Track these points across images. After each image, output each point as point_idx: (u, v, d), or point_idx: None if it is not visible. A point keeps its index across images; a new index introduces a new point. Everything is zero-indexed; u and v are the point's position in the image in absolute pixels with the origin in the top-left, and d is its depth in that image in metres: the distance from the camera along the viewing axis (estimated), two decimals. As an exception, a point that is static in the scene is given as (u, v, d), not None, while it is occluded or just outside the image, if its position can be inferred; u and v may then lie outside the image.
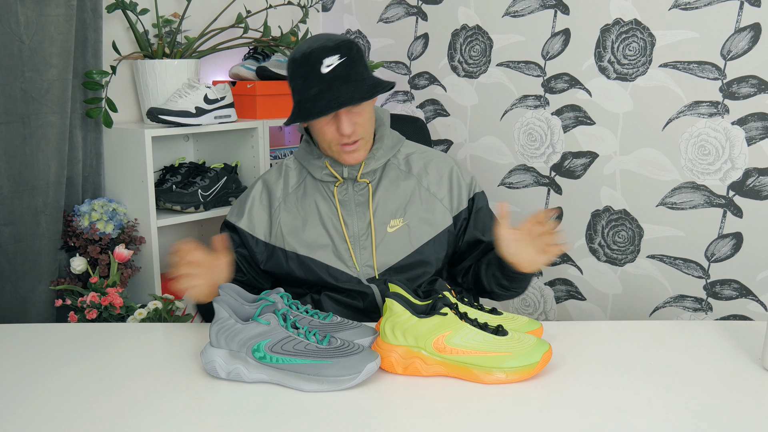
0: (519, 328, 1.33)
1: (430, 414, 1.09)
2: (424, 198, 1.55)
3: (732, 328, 1.43)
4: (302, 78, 1.43)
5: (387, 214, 1.52)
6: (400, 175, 1.56)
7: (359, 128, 1.46)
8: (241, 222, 1.55)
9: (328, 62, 1.40)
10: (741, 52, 1.93)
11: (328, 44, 1.42)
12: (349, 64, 1.42)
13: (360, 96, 1.41)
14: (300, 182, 1.56)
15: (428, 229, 1.53)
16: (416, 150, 1.62)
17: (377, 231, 1.51)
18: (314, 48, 1.42)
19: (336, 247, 1.50)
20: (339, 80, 1.40)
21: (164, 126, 2.11)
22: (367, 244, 1.51)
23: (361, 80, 1.43)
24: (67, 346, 1.38)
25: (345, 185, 1.53)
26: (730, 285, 2.04)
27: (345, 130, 1.43)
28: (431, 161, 1.60)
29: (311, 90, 1.41)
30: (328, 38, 1.44)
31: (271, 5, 2.46)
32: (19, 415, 1.09)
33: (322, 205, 1.53)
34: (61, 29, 1.97)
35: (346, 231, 1.50)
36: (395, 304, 1.20)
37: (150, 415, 1.08)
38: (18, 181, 1.97)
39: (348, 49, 1.42)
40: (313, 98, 1.41)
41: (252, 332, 1.16)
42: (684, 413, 1.08)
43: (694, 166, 2.05)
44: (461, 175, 1.60)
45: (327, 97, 1.40)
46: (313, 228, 1.51)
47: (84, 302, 1.91)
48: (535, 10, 2.27)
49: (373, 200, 1.53)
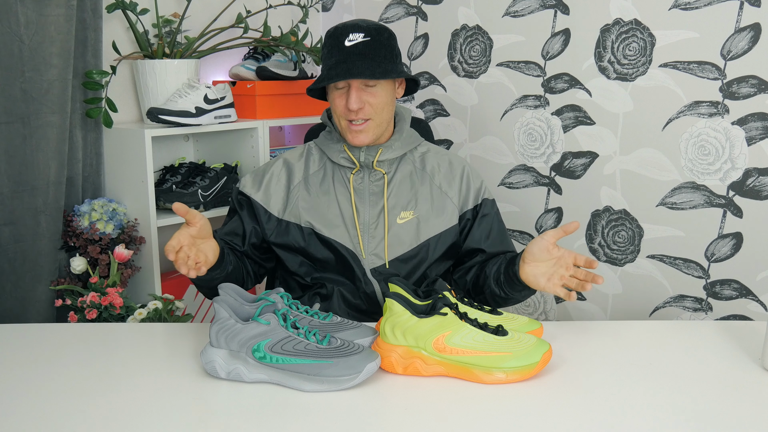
0: (519, 328, 1.33)
1: (430, 414, 1.09)
2: (435, 195, 1.59)
3: (732, 328, 1.43)
4: (328, 48, 1.51)
5: (398, 206, 1.56)
6: (415, 171, 1.60)
7: (368, 108, 1.50)
8: (257, 195, 1.58)
9: (352, 37, 1.47)
10: (741, 52, 1.93)
11: (360, 23, 1.49)
12: (371, 44, 1.47)
13: (370, 73, 1.45)
14: (321, 167, 1.60)
15: (437, 224, 1.57)
16: (432, 149, 1.66)
17: (389, 220, 1.55)
18: (347, 24, 1.50)
19: (348, 232, 1.54)
20: (357, 55, 1.46)
21: (164, 126, 2.11)
22: (376, 233, 1.54)
23: (379, 61, 1.48)
24: (67, 346, 1.38)
25: (361, 174, 1.56)
26: (730, 285, 2.04)
27: (351, 105, 1.47)
28: (445, 161, 1.64)
29: (331, 59, 1.49)
30: (364, 20, 1.51)
31: (271, 5, 2.46)
32: (19, 415, 1.09)
33: (339, 190, 1.56)
34: (61, 29, 1.97)
35: (358, 218, 1.54)
36: (395, 304, 1.20)
37: (150, 415, 1.08)
38: (18, 181, 1.97)
39: (377, 33, 1.49)
40: (329, 67, 1.49)
41: (252, 332, 1.16)
42: (684, 413, 1.08)
43: (694, 166, 2.05)
44: (472, 177, 1.63)
45: (341, 68, 1.46)
46: (330, 209, 1.55)
47: (84, 302, 1.91)
48: (535, 10, 2.27)
49: (387, 191, 1.56)
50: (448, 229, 1.58)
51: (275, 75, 2.41)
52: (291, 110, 2.45)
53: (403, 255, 1.54)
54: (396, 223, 1.55)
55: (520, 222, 2.43)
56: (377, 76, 1.46)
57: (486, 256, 1.59)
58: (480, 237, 1.59)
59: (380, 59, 1.48)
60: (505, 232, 1.64)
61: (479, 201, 1.62)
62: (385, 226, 1.54)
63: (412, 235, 1.55)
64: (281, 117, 2.42)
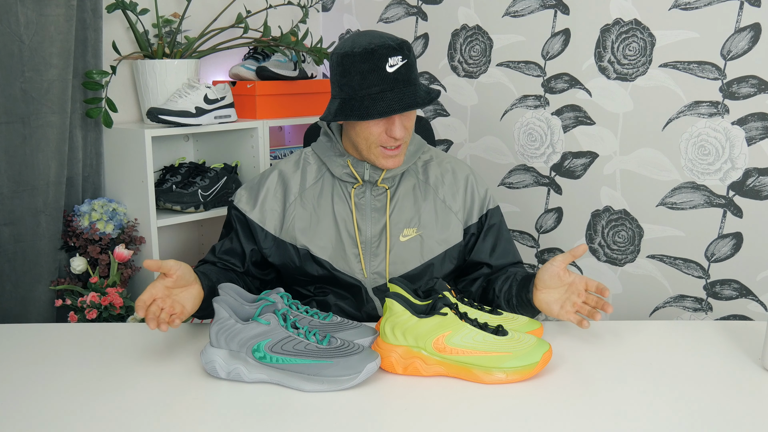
0: (519, 328, 1.33)
1: (430, 414, 1.09)
2: (439, 210, 1.53)
3: (732, 328, 1.43)
4: (361, 74, 1.36)
5: (401, 223, 1.50)
6: (418, 183, 1.54)
7: (407, 133, 1.43)
8: (253, 213, 1.52)
9: (393, 62, 1.35)
10: (741, 52, 1.93)
11: (390, 42, 1.37)
12: (409, 67, 1.38)
13: (421, 101, 1.37)
14: (318, 178, 1.53)
15: (441, 243, 1.51)
16: (434, 157, 1.59)
17: (391, 238, 1.49)
18: (377, 45, 1.36)
19: (345, 251, 1.48)
20: (402, 82, 1.37)
21: (164, 126, 2.11)
22: (378, 251, 1.49)
23: (419, 83, 1.41)
24: (67, 346, 1.38)
25: (363, 188, 1.50)
26: (730, 285, 2.04)
27: (398, 134, 1.39)
28: (448, 171, 1.57)
29: (372, 88, 1.36)
30: (385, 36, 1.39)
31: (271, 5, 2.46)
32: (20, 415, 1.09)
33: (338, 205, 1.50)
34: (61, 29, 1.97)
35: (359, 236, 1.48)
36: (395, 304, 1.20)
37: (150, 416, 1.08)
38: (18, 181, 1.97)
39: (408, 51, 1.39)
40: (373, 97, 1.36)
41: (252, 332, 1.16)
42: (684, 413, 1.08)
43: (694, 166, 2.05)
44: (476, 187, 1.57)
45: (389, 97, 1.35)
46: (326, 228, 1.49)
47: (84, 302, 1.91)
48: (535, 10, 2.27)
49: (390, 206, 1.50)
50: (453, 246, 1.53)
51: (275, 75, 2.41)
52: (291, 110, 2.45)
53: (406, 274, 1.50)
54: (399, 242, 1.49)
55: (520, 222, 2.43)
56: (427, 102, 1.38)
57: (492, 269, 1.55)
58: (485, 250, 1.55)
59: (418, 81, 1.41)
60: (510, 241, 1.59)
61: (484, 211, 1.56)
62: (387, 245, 1.49)
63: (416, 254, 1.50)
64: (281, 117, 2.42)
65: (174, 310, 1.26)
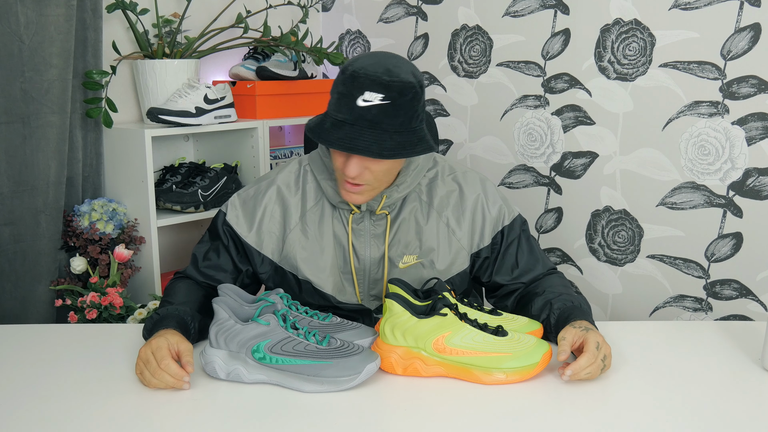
0: (519, 329, 1.33)
1: (429, 414, 1.09)
2: (442, 236, 1.43)
3: (732, 328, 1.43)
4: (338, 96, 1.27)
5: (401, 249, 1.42)
6: (421, 207, 1.43)
7: (368, 175, 1.31)
8: (249, 236, 1.43)
9: (369, 97, 1.23)
10: (741, 52, 1.93)
11: (382, 78, 1.24)
12: (389, 110, 1.24)
13: (376, 151, 1.24)
14: (318, 200, 1.43)
15: (442, 272, 1.43)
16: (440, 172, 1.47)
17: (389, 266, 1.42)
18: (367, 73, 1.24)
19: (342, 281, 1.43)
20: (367, 122, 1.23)
21: (164, 126, 2.11)
22: (378, 276, 1.43)
23: (391, 133, 1.25)
24: (67, 346, 1.38)
25: (362, 214, 1.41)
26: (730, 285, 2.04)
27: (349, 172, 1.28)
28: (454, 190, 1.45)
29: (339, 114, 1.26)
30: (390, 70, 1.25)
31: (271, 5, 2.46)
32: (19, 415, 1.09)
33: (338, 230, 1.42)
34: (61, 29, 1.97)
35: (358, 263, 1.42)
36: (395, 305, 1.20)
37: (150, 416, 1.08)
38: (18, 181, 1.97)
39: (400, 93, 1.24)
40: (334, 123, 1.26)
41: (251, 333, 1.16)
42: (684, 413, 1.08)
43: (694, 166, 2.05)
44: (487, 206, 1.45)
45: (345, 130, 1.24)
46: (328, 258, 1.42)
47: (84, 302, 1.91)
48: (535, 10, 2.27)
49: (390, 233, 1.41)
50: (457, 275, 1.44)
51: (275, 75, 2.41)
52: (291, 110, 2.45)
53: None
54: (398, 269, 1.41)
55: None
56: (384, 155, 1.24)
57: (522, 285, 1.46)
58: (507, 269, 1.45)
59: (394, 128, 1.24)
60: (533, 251, 1.47)
61: (499, 229, 1.44)
62: (385, 272, 1.41)
63: (416, 282, 1.41)
64: (281, 117, 2.42)
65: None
